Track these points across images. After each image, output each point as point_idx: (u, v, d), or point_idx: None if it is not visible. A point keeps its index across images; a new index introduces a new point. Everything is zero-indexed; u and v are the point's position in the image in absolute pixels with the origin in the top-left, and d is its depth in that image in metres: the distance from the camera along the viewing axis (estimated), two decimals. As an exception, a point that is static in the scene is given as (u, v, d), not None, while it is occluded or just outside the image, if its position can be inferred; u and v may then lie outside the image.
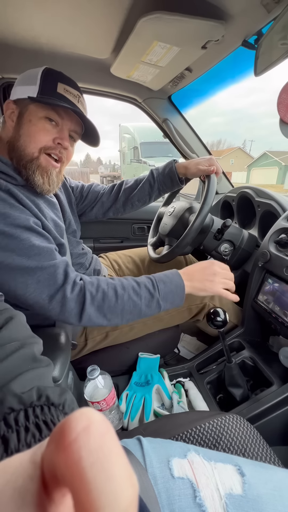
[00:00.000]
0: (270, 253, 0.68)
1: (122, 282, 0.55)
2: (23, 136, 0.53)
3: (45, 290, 0.48)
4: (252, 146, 75.07)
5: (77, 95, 0.57)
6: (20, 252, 0.47)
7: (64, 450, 0.08)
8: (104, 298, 0.52)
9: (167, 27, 0.57)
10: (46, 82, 0.53)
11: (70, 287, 0.50)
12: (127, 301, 0.53)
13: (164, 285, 0.56)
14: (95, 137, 0.63)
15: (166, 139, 1.20)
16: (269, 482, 0.30)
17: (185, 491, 0.29)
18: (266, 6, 0.51)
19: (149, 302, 0.54)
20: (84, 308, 0.50)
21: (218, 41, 0.63)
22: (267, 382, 0.64)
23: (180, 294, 0.57)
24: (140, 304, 0.54)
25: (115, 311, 0.52)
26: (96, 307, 0.51)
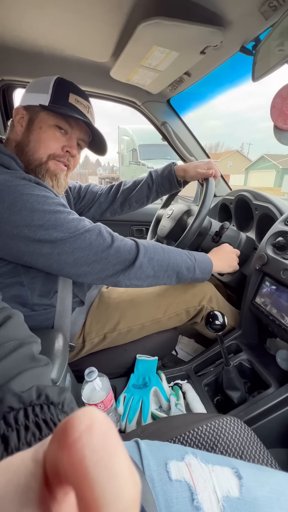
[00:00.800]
0: (268, 256, 0.68)
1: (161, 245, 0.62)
2: (32, 141, 0.55)
3: (99, 246, 0.52)
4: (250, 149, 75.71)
5: (87, 105, 0.59)
6: (68, 225, 0.51)
7: (68, 448, 0.08)
8: (155, 250, 0.58)
9: (166, 32, 0.58)
10: (58, 92, 0.55)
11: (119, 240, 0.56)
12: (173, 256, 0.60)
13: (197, 255, 0.65)
14: (102, 146, 0.66)
15: (165, 142, 1.21)
16: (266, 485, 0.31)
17: (183, 494, 0.29)
18: (263, 13, 0.52)
19: (188, 264, 0.62)
20: (138, 256, 0.55)
21: (217, 47, 0.64)
22: (265, 385, 0.64)
23: (209, 267, 0.66)
24: (181, 262, 0.61)
25: (162, 263, 0.58)
26: (148, 257, 0.56)
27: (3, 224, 0.46)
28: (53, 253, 0.50)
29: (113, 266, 0.54)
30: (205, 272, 0.65)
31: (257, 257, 0.71)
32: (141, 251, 0.56)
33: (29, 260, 0.51)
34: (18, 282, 0.56)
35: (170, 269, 0.59)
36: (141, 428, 0.47)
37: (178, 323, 0.81)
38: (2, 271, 0.53)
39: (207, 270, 0.66)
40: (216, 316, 0.60)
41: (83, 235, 0.51)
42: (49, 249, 0.49)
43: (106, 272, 0.54)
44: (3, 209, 0.46)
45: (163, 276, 0.59)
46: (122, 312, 0.74)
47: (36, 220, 0.48)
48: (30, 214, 0.47)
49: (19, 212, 0.47)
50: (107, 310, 0.75)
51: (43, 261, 0.50)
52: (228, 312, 0.84)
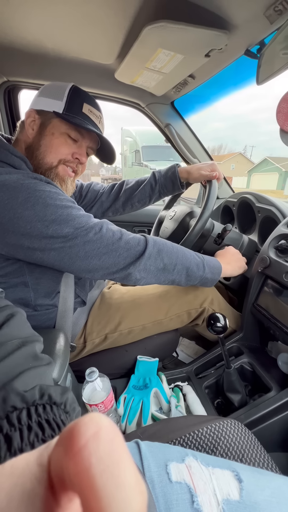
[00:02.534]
0: (270, 258, 0.68)
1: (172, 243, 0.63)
2: (43, 146, 0.56)
3: (109, 237, 0.53)
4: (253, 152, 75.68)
5: (99, 116, 0.61)
6: (79, 220, 0.52)
7: (74, 455, 0.08)
8: (163, 243, 0.59)
9: (171, 35, 0.59)
10: (73, 100, 0.56)
11: (128, 234, 0.57)
12: (181, 251, 0.61)
13: (204, 256, 0.65)
14: (110, 155, 0.68)
15: (168, 143, 1.22)
16: (266, 489, 0.30)
17: (183, 496, 0.29)
18: (268, 17, 0.52)
19: (197, 261, 0.62)
20: (147, 247, 0.56)
21: (221, 50, 0.64)
22: (266, 388, 0.64)
23: (218, 267, 0.66)
24: (190, 258, 0.61)
25: (171, 256, 0.59)
26: (157, 248, 0.57)
27: (16, 220, 0.47)
28: (64, 246, 0.50)
29: (124, 259, 0.54)
30: (215, 272, 0.65)
31: (260, 259, 0.71)
32: (149, 242, 0.57)
33: (41, 255, 0.51)
34: (23, 282, 0.56)
35: (179, 263, 0.59)
36: (141, 429, 0.47)
37: (179, 325, 0.81)
38: (7, 271, 0.54)
39: (217, 271, 0.65)
40: (217, 318, 0.60)
41: (93, 228, 0.52)
42: (61, 243, 0.50)
43: (117, 266, 0.54)
44: (17, 204, 0.47)
45: (173, 270, 0.59)
46: (124, 313, 0.74)
47: (49, 214, 0.48)
48: (43, 209, 0.48)
49: (33, 207, 0.47)
50: (108, 310, 0.75)
51: (55, 255, 0.51)
52: (229, 315, 0.84)
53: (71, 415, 0.19)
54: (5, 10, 0.62)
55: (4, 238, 0.49)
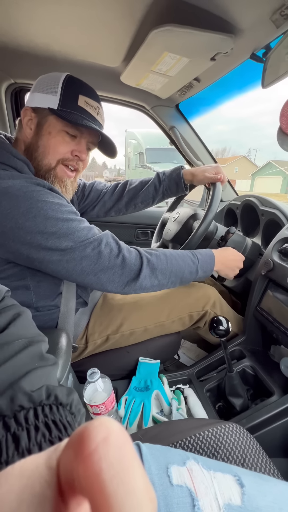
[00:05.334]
0: (274, 262, 0.68)
1: (165, 251, 0.62)
2: (41, 147, 0.55)
3: (106, 256, 0.53)
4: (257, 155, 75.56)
5: (97, 106, 0.58)
6: (79, 234, 0.52)
7: (84, 460, 0.08)
8: (157, 260, 0.58)
9: (177, 39, 0.59)
10: (67, 94, 0.53)
11: (126, 250, 0.56)
12: (175, 263, 0.60)
13: (201, 255, 0.65)
14: (111, 148, 0.66)
15: (172, 146, 1.22)
16: (268, 494, 0.30)
17: (184, 499, 0.29)
18: (275, 21, 0.53)
19: (191, 268, 0.62)
20: (142, 268, 0.56)
21: (227, 54, 0.65)
22: (268, 392, 0.63)
23: (212, 264, 0.66)
24: (184, 268, 0.61)
25: (165, 272, 0.59)
26: (151, 268, 0.57)
27: (17, 230, 0.47)
28: (62, 260, 0.51)
29: (119, 277, 0.54)
30: (207, 271, 0.65)
31: (263, 263, 0.71)
32: (144, 262, 0.56)
33: (39, 265, 0.52)
34: (24, 285, 0.56)
35: (173, 276, 0.60)
36: (142, 431, 0.47)
37: (181, 327, 0.80)
38: (9, 273, 0.54)
39: (209, 269, 0.66)
40: (220, 321, 0.60)
41: (92, 244, 0.52)
42: (59, 256, 0.50)
43: (112, 283, 0.55)
44: (19, 214, 0.47)
45: (167, 283, 0.60)
46: (126, 314, 0.74)
47: (49, 227, 0.48)
48: (44, 221, 0.48)
49: (34, 218, 0.47)
50: (110, 311, 0.75)
51: (53, 267, 0.52)
52: (231, 318, 0.83)
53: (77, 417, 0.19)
54: (13, 13, 0.63)
55: (5, 246, 0.49)
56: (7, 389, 0.20)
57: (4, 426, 0.15)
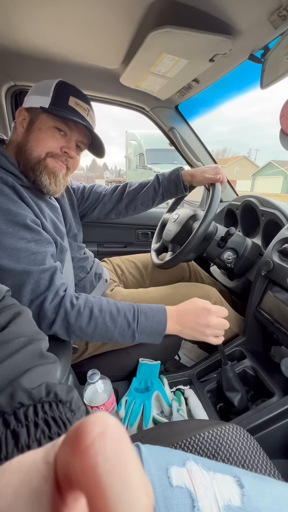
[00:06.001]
0: (274, 262, 0.68)
1: (102, 303, 0.54)
2: (31, 141, 0.56)
3: (27, 294, 0.48)
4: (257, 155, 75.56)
5: (87, 108, 0.59)
6: (11, 253, 0.46)
7: (80, 455, 0.08)
8: (77, 317, 0.51)
9: (176, 40, 0.59)
10: (59, 95, 0.55)
11: (51, 296, 0.50)
12: (100, 324, 0.52)
13: (146, 318, 0.55)
14: (100, 149, 0.67)
15: (172, 147, 1.22)
16: (268, 496, 0.30)
17: (183, 500, 0.28)
18: (273, 22, 0.53)
19: (124, 331, 0.53)
20: (55, 322, 0.50)
21: (226, 55, 0.65)
22: (268, 393, 0.63)
23: (160, 332, 0.56)
24: (113, 331, 0.53)
25: (86, 332, 0.52)
26: (66, 324, 0.51)
27: None
28: None
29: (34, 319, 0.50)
30: (152, 337, 0.56)
31: (263, 263, 0.71)
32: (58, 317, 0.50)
33: None
34: None
35: (97, 335, 0.53)
36: (142, 432, 0.47)
37: (182, 328, 0.80)
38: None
39: (157, 335, 0.56)
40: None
41: (18, 272, 0.46)
42: None
43: None
44: None
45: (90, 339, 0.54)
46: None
47: None
48: None
49: None
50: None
51: None
52: (232, 318, 0.83)
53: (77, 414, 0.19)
54: (12, 16, 0.63)
55: None
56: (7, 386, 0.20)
57: (3, 423, 0.15)
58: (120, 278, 0.98)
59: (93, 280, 0.79)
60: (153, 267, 0.99)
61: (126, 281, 0.99)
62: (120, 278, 0.98)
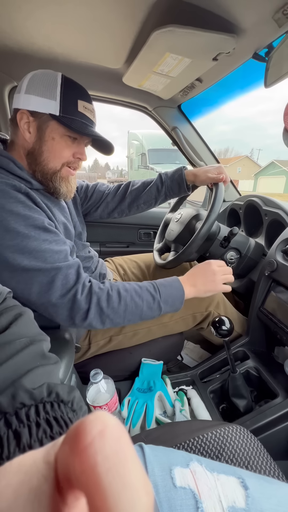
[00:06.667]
0: (277, 262, 0.67)
1: (125, 284, 0.58)
2: (46, 152, 0.56)
3: (58, 290, 0.50)
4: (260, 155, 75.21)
5: (92, 109, 0.59)
6: (37, 255, 0.48)
7: (79, 454, 0.08)
8: (108, 300, 0.54)
9: (179, 39, 0.59)
10: (67, 99, 0.53)
11: (80, 288, 0.52)
12: (129, 302, 0.55)
13: (165, 288, 0.59)
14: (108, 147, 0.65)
15: (174, 146, 1.22)
16: (273, 497, 0.30)
17: (187, 501, 0.28)
18: (277, 21, 0.52)
19: (150, 304, 0.57)
20: (90, 310, 0.52)
21: (229, 54, 0.64)
22: (272, 394, 0.63)
23: (180, 297, 0.60)
24: (142, 305, 0.56)
25: (118, 312, 0.54)
26: (99, 310, 0.53)
27: None
28: (13, 279, 0.47)
29: (66, 314, 0.52)
30: (175, 304, 0.60)
31: (266, 263, 0.70)
32: (92, 303, 0.52)
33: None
34: None
35: (129, 314, 0.55)
36: (145, 432, 0.46)
37: (184, 328, 0.80)
38: None
39: (178, 301, 0.60)
40: (223, 321, 0.60)
41: (47, 270, 0.48)
42: (9, 273, 0.47)
43: (60, 318, 0.52)
44: None
45: (123, 321, 0.56)
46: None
47: (7, 240, 0.46)
48: (3, 233, 0.46)
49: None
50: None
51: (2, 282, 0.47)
52: (235, 319, 0.83)
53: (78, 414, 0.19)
54: (15, 16, 0.63)
55: None
56: (8, 387, 0.20)
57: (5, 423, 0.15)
58: (123, 278, 0.98)
59: (98, 280, 0.79)
60: (155, 267, 0.99)
61: (128, 281, 0.99)
62: (123, 278, 0.98)
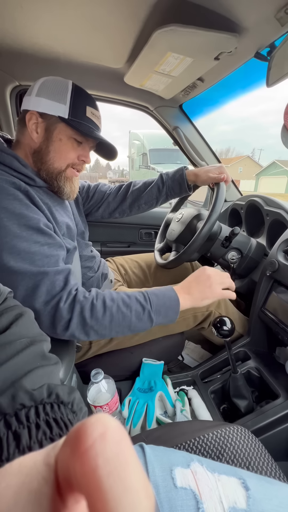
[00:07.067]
0: (279, 262, 0.67)
1: (112, 293, 0.54)
2: (52, 152, 0.57)
3: (42, 296, 0.47)
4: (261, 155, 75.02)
5: (99, 116, 0.61)
6: (25, 256, 0.47)
7: (80, 456, 0.08)
8: (92, 310, 0.50)
9: (181, 39, 0.59)
10: (76, 104, 0.56)
11: (65, 295, 0.49)
12: (116, 312, 0.51)
13: (157, 298, 0.55)
14: (111, 152, 0.68)
15: (175, 146, 1.22)
16: (274, 498, 0.30)
17: (188, 502, 0.28)
18: (279, 19, 0.52)
19: (140, 315, 0.52)
20: (72, 320, 0.49)
21: (231, 53, 0.64)
22: (273, 394, 0.62)
23: (174, 307, 0.55)
24: (130, 316, 0.52)
25: (103, 324, 0.50)
26: (82, 321, 0.50)
27: None
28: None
29: (48, 322, 0.49)
30: (169, 315, 0.55)
31: (268, 263, 0.70)
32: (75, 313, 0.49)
33: None
34: None
35: (115, 326, 0.51)
36: (146, 432, 0.46)
37: (185, 328, 0.80)
38: None
39: (172, 311, 0.55)
40: (224, 321, 0.60)
41: (33, 274, 0.46)
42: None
43: (42, 325, 0.49)
44: None
45: (110, 333, 0.52)
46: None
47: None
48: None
49: None
50: (114, 312, 0.75)
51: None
52: (236, 319, 0.83)
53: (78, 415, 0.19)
54: (17, 16, 0.63)
55: None
56: (8, 388, 0.20)
57: (5, 424, 0.15)
58: (124, 277, 0.98)
59: (100, 280, 0.79)
60: (156, 267, 0.99)
61: (129, 280, 0.99)
62: (124, 277, 0.98)
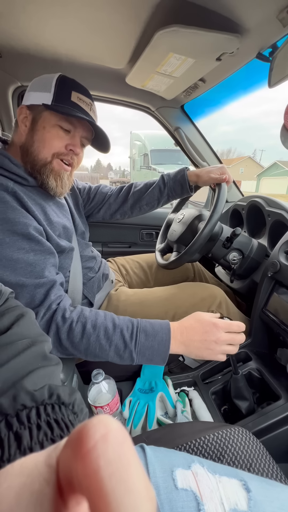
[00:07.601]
0: (280, 263, 0.67)
1: (97, 318, 0.50)
2: (36, 142, 0.55)
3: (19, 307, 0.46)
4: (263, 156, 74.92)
5: (90, 103, 0.58)
6: (6, 263, 0.45)
7: (82, 458, 0.08)
8: (69, 332, 0.48)
9: (183, 39, 0.59)
10: (61, 90, 0.54)
11: (43, 311, 0.48)
12: (93, 342, 0.48)
13: (146, 337, 0.49)
14: (105, 144, 0.65)
15: (176, 147, 1.22)
16: (275, 500, 0.29)
17: (189, 503, 0.28)
18: (281, 20, 0.52)
19: (120, 351, 0.49)
20: None
21: (233, 54, 0.64)
22: (274, 396, 0.62)
23: (162, 353, 0.49)
24: (107, 350, 0.49)
25: (78, 348, 0.49)
26: (58, 340, 0.48)
27: None
28: None
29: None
30: (154, 359, 0.50)
31: (269, 264, 0.70)
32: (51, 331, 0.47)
33: None
34: None
35: (90, 354, 0.50)
36: (147, 433, 0.46)
37: (186, 329, 0.79)
38: None
39: (159, 357, 0.50)
40: (225, 322, 0.59)
41: (12, 286, 0.43)
42: None
43: None
44: None
45: (85, 357, 0.51)
46: (130, 315, 0.73)
47: None
48: None
49: None
50: (115, 312, 0.74)
51: None
52: (237, 319, 0.82)
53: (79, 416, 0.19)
54: (20, 17, 0.64)
55: None
56: (10, 388, 0.20)
57: (6, 425, 0.15)
58: (125, 278, 0.98)
59: (101, 281, 0.79)
60: (157, 267, 0.99)
61: (130, 281, 0.99)
62: (125, 278, 0.98)
